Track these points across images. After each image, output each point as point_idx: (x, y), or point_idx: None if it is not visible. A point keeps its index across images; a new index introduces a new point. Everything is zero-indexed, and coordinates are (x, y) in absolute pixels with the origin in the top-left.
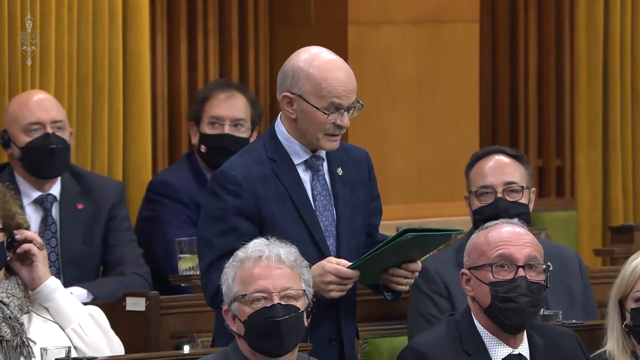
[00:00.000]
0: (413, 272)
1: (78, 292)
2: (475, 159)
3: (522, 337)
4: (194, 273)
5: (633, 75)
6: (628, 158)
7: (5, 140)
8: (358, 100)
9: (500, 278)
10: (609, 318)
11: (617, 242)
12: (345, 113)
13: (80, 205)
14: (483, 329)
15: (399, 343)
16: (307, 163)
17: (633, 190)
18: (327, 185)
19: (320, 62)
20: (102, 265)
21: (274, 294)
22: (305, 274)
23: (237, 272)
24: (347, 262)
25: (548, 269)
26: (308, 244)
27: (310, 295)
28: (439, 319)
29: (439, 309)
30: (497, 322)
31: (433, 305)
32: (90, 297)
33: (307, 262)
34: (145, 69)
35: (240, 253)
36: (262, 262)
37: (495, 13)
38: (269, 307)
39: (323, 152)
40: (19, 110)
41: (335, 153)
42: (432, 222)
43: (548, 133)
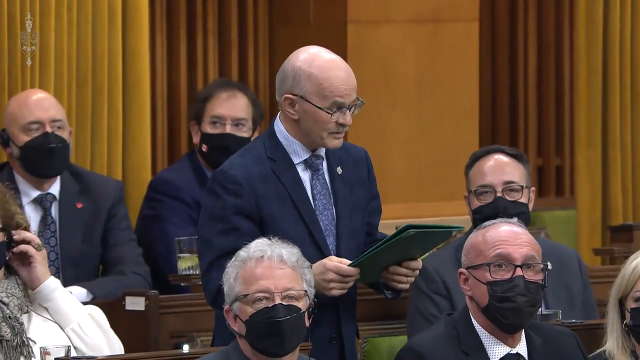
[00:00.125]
0: (414, 270)
1: (77, 291)
2: (475, 158)
3: (520, 336)
4: (194, 272)
5: (632, 75)
6: (627, 157)
7: (5, 140)
8: (358, 98)
9: (498, 277)
10: (609, 317)
11: (616, 241)
12: (348, 111)
13: (80, 205)
14: (481, 329)
15: (399, 342)
16: (306, 162)
17: (632, 190)
18: (326, 185)
19: (321, 61)
20: (101, 265)
21: (276, 294)
22: (307, 275)
23: (239, 271)
24: (348, 260)
25: (546, 269)
26: (308, 244)
27: (312, 296)
28: (439, 318)
29: (439, 309)
30: (495, 321)
31: (432, 305)
32: (90, 296)
33: (308, 262)
34: (145, 69)
35: (242, 253)
36: (264, 262)
37: (495, 12)
38: (271, 307)
39: (322, 151)
40: (18, 110)
41: (335, 152)
42: (431, 221)
43: (548, 132)
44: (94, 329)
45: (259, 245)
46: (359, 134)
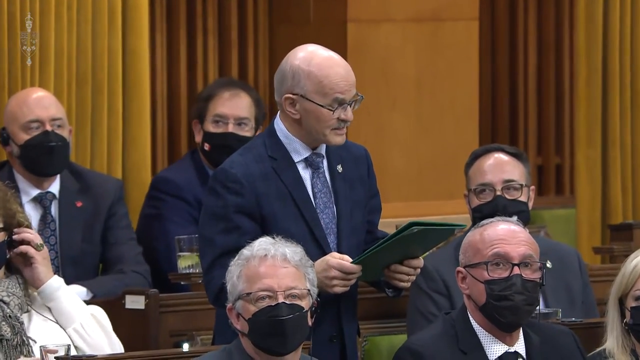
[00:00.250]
0: (415, 268)
1: (77, 290)
2: (475, 157)
3: (518, 335)
4: (194, 271)
5: (632, 74)
6: (627, 156)
7: (4, 138)
8: (358, 93)
9: (496, 276)
10: (609, 316)
11: (616, 240)
12: (349, 107)
13: (80, 203)
14: (479, 327)
15: (399, 341)
16: (307, 160)
17: (632, 188)
18: (327, 183)
19: (319, 59)
20: (101, 263)
21: (279, 293)
22: (310, 274)
23: (242, 270)
24: (350, 257)
25: (544, 267)
26: (309, 242)
27: (315, 295)
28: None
29: (438, 307)
30: (492, 320)
31: (432, 304)
32: (90, 295)
33: (312, 261)
34: (145, 69)
35: (246, 251)
36: (267, 260)
37: (495, 11)
38: (274, 306)
39: (323, 149)
40: (18, 108)
41: (335, 150)
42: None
43: (547, 131)
44: (96, 330)
45: (263, 244)
46: (359, 133)
